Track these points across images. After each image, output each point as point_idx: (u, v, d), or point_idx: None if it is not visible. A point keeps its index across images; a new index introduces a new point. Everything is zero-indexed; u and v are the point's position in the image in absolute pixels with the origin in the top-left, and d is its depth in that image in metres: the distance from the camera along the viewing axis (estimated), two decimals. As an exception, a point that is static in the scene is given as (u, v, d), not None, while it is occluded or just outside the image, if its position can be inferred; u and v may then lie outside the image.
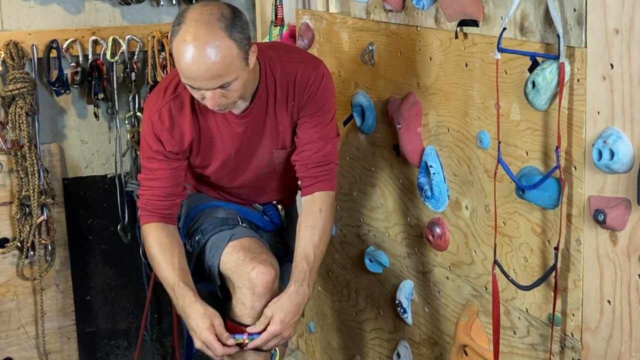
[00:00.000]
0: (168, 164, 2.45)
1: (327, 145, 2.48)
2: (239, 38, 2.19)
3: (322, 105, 2.47)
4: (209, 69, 2.16)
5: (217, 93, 2.22)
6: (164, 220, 2.47)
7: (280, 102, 2.44)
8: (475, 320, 2.37)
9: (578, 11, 1.84)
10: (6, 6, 3.46)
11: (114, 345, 3.86)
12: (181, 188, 2.50)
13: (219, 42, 2.16)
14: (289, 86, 2.43)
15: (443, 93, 2.38)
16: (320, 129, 2.48)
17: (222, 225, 2.53)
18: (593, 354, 1.94)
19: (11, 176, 3.46)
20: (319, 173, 2.48)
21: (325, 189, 2.49)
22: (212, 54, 2.15)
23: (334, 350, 3.25)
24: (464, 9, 2.18)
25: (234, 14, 2.23)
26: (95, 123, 3.67)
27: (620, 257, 1.82)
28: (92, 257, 3.76)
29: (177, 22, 2.21)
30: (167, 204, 2.47)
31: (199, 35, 2.15)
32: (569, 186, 1.94)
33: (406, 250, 2.67)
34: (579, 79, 1.87)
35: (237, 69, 2.20)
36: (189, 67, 2.17)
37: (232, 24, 2.19)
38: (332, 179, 2.51)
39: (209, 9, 2.21)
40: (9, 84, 3.34)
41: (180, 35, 2.17)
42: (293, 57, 2.48)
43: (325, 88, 2.47)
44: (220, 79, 2.18)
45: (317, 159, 2.48)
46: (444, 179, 2.42)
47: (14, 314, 3.58)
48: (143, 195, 2.49)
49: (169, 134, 2.41)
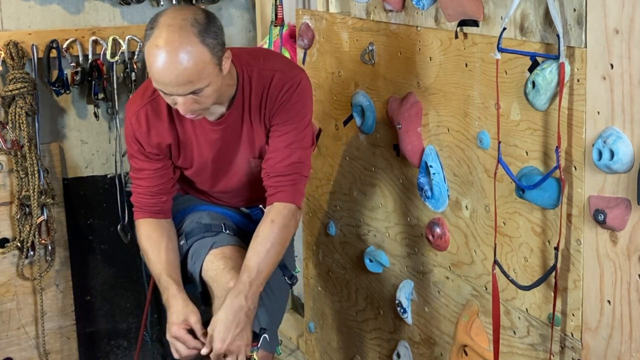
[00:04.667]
0: (151, 164, 2.46)
1: (293, 154, 2.41)
2: (211, 44, 2.17)
3: (295, 114, 2.40)
4: (181, 74, 2.13)
5: (189, 99, 2.19)
6: (155, 215, 2.50)
7: (254, 110, 2.41)
8: (475, 320, 2.37)
9: (578, 11, 1.84)
10: (6, 6, 3.46)
11: (114, 345, 3.86)
12: (169, 185, 2.51)
13: (191, 47, 2.13)
14: (263, 92, 2.39)
15: (443, 93, 2.38)
16: (290, 137, 2.41)
17: (205, 232, 2.52)
18: (593, 354, 1.94)
19: (11, 176, 3.46)
20: (280, 183, 2.41)
21: (283, 200, 2.41)
22: (183, 59, 2.12)
23: (334, 350, 3.25)
24: (464, 9, 2.18)
25: (208, 19, 2.20)
26: (95, 123, 3.67)
27: (620, 257, 1.82)
28: (92, 257, 3.76)
29: (150, 27, 2.18)
30: (155, 201, 2.49)
31: (171, 41, 2.12)
32: (569, 186, 1.94)
33: (406, 250, 2.67)
34: (579, 79, 1.87)
35: (210, 74, 2.18)
36: (160, 73, 2.14)
37: (205, 30, 2.16)
38: (295, 191, 2.43)
39: (183, 14, 2.18)
40: (9, 84, 3.34)
41: (153, 40, 2.15)
42: (271, 64, 2.44)
43: (300, 96, 2.40)
44: (192, 85, 2.16)
45: (280, 168, 2.41)
46: (444, 179, 2.42)
47: (14, 314, 3.58)
48: (133, 192, 2.52)
49: (146, 137, 2.41)
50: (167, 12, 2.20)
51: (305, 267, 3.39)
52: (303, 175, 2.45)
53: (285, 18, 3.29)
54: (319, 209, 3.21)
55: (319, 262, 3.28)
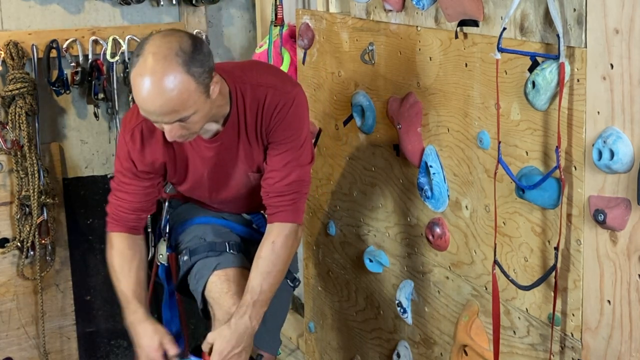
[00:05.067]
0: (139, 182, 2.45)
1: (292, 173, 2.40)
2: (197, 72, 2.13)
3: (291, 132, 2.38)
4: (165, 104, 2.11)
5: (176, 126, 2.18)
6: (130, 231, 2.50)
7: (250, 127, 2.39)
8: (475, 320, 2.37)
9: (578, 11, 1.84)
10: (6, 6, 3.46)
11: (114, 345, 3.86)
12: (150, 204, 2.50)
13: (175, 77, 2.09)
14: (258, 111, 2.37)
15: (443, 93, 2.38)
16: (287, 156, 2.39)
17: (209, 251, 2.53)
18: (593, 354, 1.94)
19: (11, 176, 3.46)
20: (280, 203, 2.41)
21: (284, 221, 2.42)
22: (167, 89, 2.09)
23: (334, 350, 3.25)
24: (464, 9, 2.18)
25: (194, 46, 2.15)
26: (95, 123, 3.67)
27: (620, 257, 1.82)
28: (92, 257, 3.76)
29: (136, 53, 2.15)
30: (134, 217, 2.49)
31: (155, 70, 2.09)
32: (569, 186, 1.94)
33: (406, 250, 2.67)
34: (579, 79, 1.87)
35: (196, 102, 2.15)
36: (145, 102, 2.12)
37: (191, 58, 2.12)
38: (296, 210, 2.43)
39: (168, 42, 2.14)
40: (9, 84, 3.34)
41: (137, 69, 2.12)
42: (265, 80, 2.39)
43: (295, 114, 2.38)
44: (177, 114, 2.14)
45: (279, 188, 2.40)
46: (444, 179, 2.42)
47: (14, 314, 3.58)
48: (112, 203, 2.51)
49: (140, 155, 2.40)
50: (153, 40, 2.16)
51: (305, 267, 3.39)
52: (303, 193, 2.45)
53: (285, 18, 3.29)
54: (319, 209, 3.21)
55: (319, 262, 3.28)
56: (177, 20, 3.71)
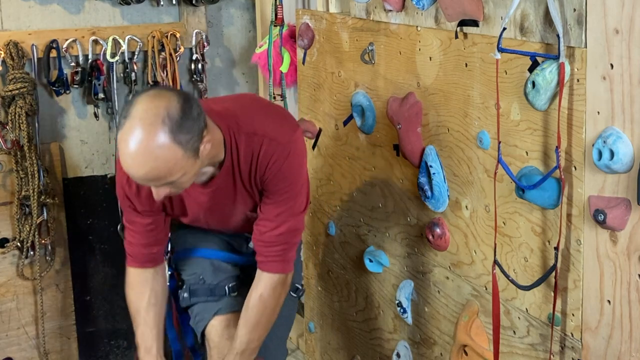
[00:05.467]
0: (142, 218, 2.43)
1: (284, 224, 2.37)
2: (185, 140, 2.05)
3: (286, 184, 2.34)
4: (149, 172, 2.06)
5: (162, 188, 2.14)
6: (144, 265, 2.50)
7: (245, 175, 2.34)
8: (475, 320, 2.37)
9: (578, 11, 1.84)
10: (6, 6, 3.46)
11: (114, 345, 3.86)
12: (161, 235, 2.49)
13: (161, 147, 2.02)
14: (252, 161, 2.31)
15: (443, 93, 2.38)
16: (280, 206, 2.36)
17: (209, 296, 2.54)
18: (593, 354, 1.94)
19: (11, 176, 3.46)
20: (269, 252, 2.39)
21: (273, 272, 2.41)
22: (152, 158, 2.03)
23: (334, 350, 3.25)
24: (464, 9, 2.18)
25: (183, 111, 2.06)
26: (95, 123, 3.67)
27: (620, 257, 1.82)
28: (92, 257, 3.76)
29: (123, 114, 2.07)
30: (145, 252, 2.49)
31: (141, 139, 2.02)
32: (569, 186, 1.94)
33: (406, 250, 2.67)
34: (579, 79, 1.87)
35: (183, 167, 2.08)
36: (129, 168, 2.07)
37: (178, 126, 2.04)
38: (284, 261, 2.42)
39: (156, 107, 2.04)
40: (9, 84, 3.34)
41: (123, 133, 2.05)
42: (260, 127, 2.31)
43: (290, 166, 2.32)
44: (164, 180, 2.09)
45: (270, 238, 2.38)
46: (444, 179, 2.42)
47: (14, 314, 3.58)
48: (127, 240, 2.50)
49: (137, 197, 2.37)
50: (141, 101, 2.07)
51: (305, 267, 3.39)
52: (293, 243, 2.43)
53: (285, 18, 3.29)
54: (319, 209, 3.21)
55: (319, 262, 3.28)
56: (177, 20, 3.71)
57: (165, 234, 2.51)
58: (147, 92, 2.12)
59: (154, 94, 2.09)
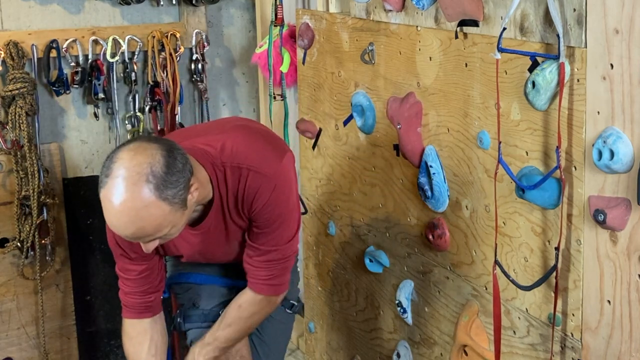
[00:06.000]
0: (136, 265, 2.39)
1: (270, 252, 2.34)
2: (171, 194, 1.99)
3: (272, 216, 2.29)
4: (137, 232, 2.01)
5: (151, 243, 2.09)
6: (140, 316, 2.46)
7: (232, 208, 2.29)
8: (475, 320, 2.37)
9: (578, 11, 1.84)
10: (6, 6, 3.46)
11: (114, 345, 3.86)
12: (156, 282, 2.44)
13: (148, 207, 1.97)
14: (238, 194, 2.25)
15: (443, 93, 2.38)
16: (266, 235, 2.32)
17: (202, 322, 2.53)
18: (593, 354, 1.94)
19: (11, 176, 3.46)
20: (258, 276, 2.38)
21: (258, 292, 2.40)
22: (139, 219, 1.98)
23: (334, 350, 3.25)
24: (464, 9, 2.18)
25: (167, 165, 1.99)
26: (95, 123, 3.67)
27: (620, 257, 1.82)
28: (92, 257, 3.76)
29: (105, 172, 1.99)
30: (141, 301, 2.45)
31: (125, 199, 1.96)
32: (569, 186, 1.94)
33: (406, 250, 2.67)
34: (579, 79, 1.87)
35: (171, 222, 2.04)
36: (116, 228, 2.03)
37: (163, 182, 1.98)
38: (274, 285, 2.39)
39: (138, 163, 1.97)
40: (9, 84, 3.34)
41: (106, 192, 1.98)
42: (244, 159, 2.24)
43: (276, 198, 2.26)
44: (152, 236, 2.05)
45: (257, 263, 2.36)
46: (444, 179, 2.42)
47: (14, 314, 3.58)
48: (121, 290, 2.47)
49: (129, 244, 2.31)
50: (122, 157, 1.99)
51: (305, 267, 3.39)
52: (284, 268, 2.39)
53: (285, 18, 3.29)
54: (319, 209, 3.21)
55: (319, 262, 3.28)
56: (177, 20, 3.71)
57: (160, 279, 2.46)
58: (128, 145, 2.03)
59: (135, 148, 2.01)
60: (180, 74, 3.68)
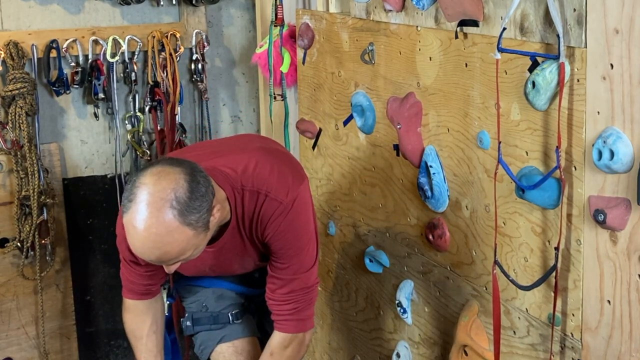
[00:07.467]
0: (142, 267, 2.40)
1: (292, 282, 2.32)
2: (195, 219, 1.99)
3: (288, 242, 2.28)
4: (161, 256, 2.02)
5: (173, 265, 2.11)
6: (142, 297, 2.47)
7: (248, 230, 2.29)
8: (475, 320, 2.37)
9: (578, 11, 1.84)
10: (6, 6, 3.46)
11: (114, 345, 3.86)
12: (161, 275, 2.44)
13: (172, 233, 1.97)
14: (254, 216, 2.25)
15: (443, 93, 2.38)
16: (285, 263, 2.31)
17: (212, 324, 2.53)
18: (593, 354, 1.94)
19: (11, 176, 3.47)
20: (282, 311, 2.36)
21: (288, 331, 2.36)
22: (163, 244, 1.98)
23: (334, 350, 3.25)
24: (464, 9, 2.18)
25: (190, 190, 1.99)
26: (95, 123, 3.68)
27: (620, 257, 1.82)
28: (92, 257, 3.76)
29: (127, 196, 1.99)
30: (144, 287, 2.46)
31: (149, 226, 1.96)
32: (569, 186, 1.94)
33: (406, 250, 2.67)
34: (579, 79, 1.87)
35: (194, 244, 2.04)
36: (140, 254, 2.04)
37: (187, 208, 1.97)
38: (299, 320, 2.36)
39: (162, 189, 1.97)
40: (9, 84, 3.34)
41: (129, 217, 1.98)
42: (263, 184, 2.23)
43: (291, 224, 2.25)
44: (175, 259, 2.06)
45: (280, 297, 2.34)
46: (444, 179, 2.42)
47: (14, 314, 3.58)
48: (122, 272, 2.45)
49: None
50: (146, 182, 1.98)
51: (305, 267, 3.39)
52: (308, 300, 2.37)
53: (285, 18, 3.29)
54: (319, 209, 3.21)
55: (319, 262, 3.27)
56: (177, 20, 3.71)
57: (164, 273, 2.44)
58: (151, 169, 2.02)
59: (158, 172, 2.00)
60: (180, 74, 3.68)
